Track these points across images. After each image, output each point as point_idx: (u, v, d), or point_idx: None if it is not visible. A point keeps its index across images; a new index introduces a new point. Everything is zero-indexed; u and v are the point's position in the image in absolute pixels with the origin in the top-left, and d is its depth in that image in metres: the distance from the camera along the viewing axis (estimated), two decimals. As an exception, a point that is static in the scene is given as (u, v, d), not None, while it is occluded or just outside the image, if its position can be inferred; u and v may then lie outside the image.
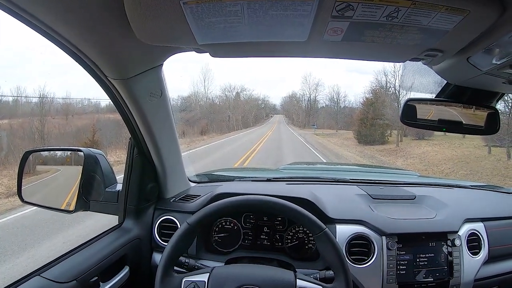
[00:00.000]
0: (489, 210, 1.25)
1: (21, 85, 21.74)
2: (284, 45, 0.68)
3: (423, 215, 1.14)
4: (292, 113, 35.73)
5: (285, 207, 0.87)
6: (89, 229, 4.20)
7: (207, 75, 30.94)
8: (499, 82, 0.78)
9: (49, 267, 0.84)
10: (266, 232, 1.16)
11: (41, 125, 15.10)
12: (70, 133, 17.08)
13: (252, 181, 1.47)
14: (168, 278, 0.81)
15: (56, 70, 37.83)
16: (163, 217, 1.16)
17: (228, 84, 33.44)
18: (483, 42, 0.61)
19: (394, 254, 1.03)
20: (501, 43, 0.60)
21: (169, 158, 1.12)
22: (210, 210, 0.86)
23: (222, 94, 32.40)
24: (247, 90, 34.16)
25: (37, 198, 1.19)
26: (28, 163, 1.13)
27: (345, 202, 1.21)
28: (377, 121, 18.47)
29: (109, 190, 1.11)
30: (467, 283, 1.07)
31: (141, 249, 1.12)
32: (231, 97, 32.72)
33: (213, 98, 31.51)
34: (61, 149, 1.28)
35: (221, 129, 27.05)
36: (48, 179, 1.31)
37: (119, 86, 0.85)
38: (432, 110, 0.94)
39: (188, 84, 30.19)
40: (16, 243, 4.17)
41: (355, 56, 0.76)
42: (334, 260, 0.83)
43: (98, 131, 15.56)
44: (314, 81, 33.63)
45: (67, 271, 0.84)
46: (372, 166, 4.78)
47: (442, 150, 14.21)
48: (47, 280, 0.79)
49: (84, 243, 0.98)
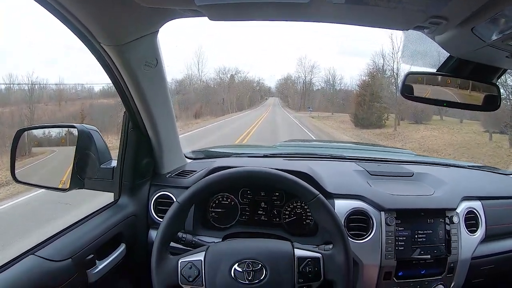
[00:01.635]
0: (487, 189, 1.26)
1: (13, 73, 21.06)
2: (286, 7, 0.66)
3: (421, 191, 1.14)
4: (287, 96, 35.62)
5: (276, 176, 0.85)
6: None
7: (201, 57, 30.35)
8: (503, 56, 0.76)
9: (44, 245, 0.82)
10: (263, 208, 1.16)
11: (30, 112, 14.72)
12: (60, 119, 16.86)
13: (249, 157, 1.46)
14: (164, 260, 0.80)
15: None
16: (159, 193, 1.15)
17: (223, 67, 32.74)
18: (488, 11, 0.59)
19: (393, 229, 1.04)
20: (506, 13, 0.59)
21: (165, 131, 1.10)
22: (200, 186, 0.85)
23: (217, 76, 32.05)
24: (241, 72, 33.73)
25: (31, 178, 1.18)
26: (23, 142, 1.10)
27: (343, 177, 1.21)
28: (374, 104, 18.06)
29: (104, 167, 1.09)
30: (464, 260, 1.08)
31: (137, 226, 1.11)
32: (226, 79, 32.42)
33: (207, 80, 31.17)
34: (55, 126, 1.25)
35: (216, 112, 26.79)
36: (44, 161, 1.29)
37: (112, 53, 0.82)
38: (436, 86, 0.92)
39: (182, 67, 29.62)
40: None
41: (359, 21, 0.74)
42: (330, 226, 0.82)
43: (87, 116, 15.33)
44: (309, 64, 33.11)
45: (62, 249, 0.83)
46: (369, 144, 4.82)
47: (441, 135, 13.79)
48: (41, 258, 0.78)
49: (79, 221, 0.96)
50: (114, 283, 1.05)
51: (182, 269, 0.79)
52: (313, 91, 32.46)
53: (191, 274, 0.78)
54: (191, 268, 0.79)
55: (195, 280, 0.78)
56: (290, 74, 36.64)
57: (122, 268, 1.02)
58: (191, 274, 0.78)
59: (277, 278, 0.78)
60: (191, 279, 0.78)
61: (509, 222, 1.21)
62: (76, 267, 0.83)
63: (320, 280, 0.80)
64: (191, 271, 0.79)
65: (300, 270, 0.79)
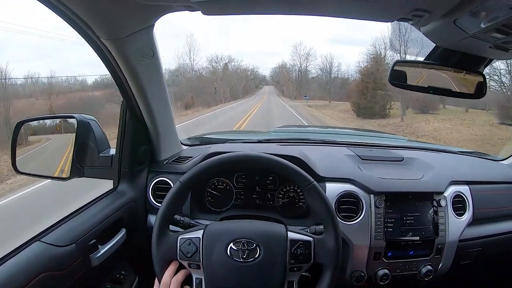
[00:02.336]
0: (475, 174, 1.29)
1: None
2: (277, 1, 0.68)
3: (410, 175, 1.17)
4: (282, 84, 35.06)
5: (274, 161, 0.88)
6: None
7: (193, 46, 29.20)
8: (486, 46, 0.79)
9: (48, 232, 0.86)
10: (257, 192, 1.20)
11: (4, 109, 12.92)
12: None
13: (244, 142, 1.50)
14: (164, 236, 0.84)
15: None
16: (157, 179, 1.18)
17: (215, 55, 31.68)
18: (469, 4, 0.61)
19: (382, 212, 1.07)
20: (486, 6, 0.61)
21: (161, 119, 1.13)
22: (201, 167, 0.88)
23: (209, 65, 31.17)
24: (235, 60, 32.38)
25: (31, 167, 1.20)
26: (20, 134, 1.12)
27: (335, 161, 1.24)
28: (378, 92, 16.46)
29: (103, 155, 1.11)
30: (452, 242, 1.12)
31: (137, 211, 1.14)
32: (219, 68, 31.50)
33: (199, 69, 30.27)
34: (54, 117, 1.27)
35: (208, 102, 26.03)
36: (40, 149, 1.31)
37: (110, 47, 0.85)
38: (424, 74, 0.95)
39: (173, 55, 28.55)
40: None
41: (344, 14, 0.76)
42: (323, 212, 0.86)
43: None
44: (305, 51, 32.31)
45: (66, 235, 0.86)
46: (361, 130, 4.86)
47: (456, 127, 12.48)
48: (47, 244, 0.81)
49: (81, 208, 1.00)
50: (115, 266, 1.09)
51: (181, 245, 0.83)
52: (308, 79, 31.68)
53: (189, 250, 0.82)
54: (189, 245, 0.82)
55: (192, 256, 0.82)
56: (285, 61, 35.70)
57: (123, 252, 1.05)
58: (189, 250, 0.82)
59: (270, 258, 0.82)
60: (189, 255, 0.82)
61: (496, 207, 1.24)
62: (79, 251, 0.86)
63: (310, 263, 0.83)
64: (189, 247, 0.82)
65: (292, 251, 0.82)
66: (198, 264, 0.82)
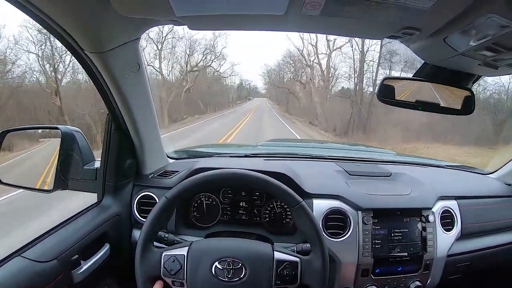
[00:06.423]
0: (463, 189, 1.29)
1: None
2: (263, 18, 0.68)
3: (398, 191, 1.17)
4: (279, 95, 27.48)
5: (262, 180, 0.87)
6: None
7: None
8: (475, 64, 0.79)
9: (30, 247, 0.83)
10: (244, 207, 1.18)
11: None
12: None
13: (230, 157, 1.47)
14: (148, 252, 0.82)
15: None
16: (142, 194, 1.16)
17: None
18: (459, 23, 0.62)
19: (370, 228, 1.06)
20: (477, 25, 0.61)
21: (147, 133, 1.11)
22: (188, 184, 0.86)
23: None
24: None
25: (13, 178, 1.16)
26: (4, 143, 1.09)
27: (322, 177, 1.23)
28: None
29: (87, 167, 1.09)
30: (440, 258, 1.11)
31: (121, 226, 1.12)
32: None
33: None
34: (39, 127, 1.25)
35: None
36: (22, 158, 1.28)
37: (95, 60, 0.83)
38: (412, 87, 0.95)
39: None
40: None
41: (333, 31, 0.77)
42: (310, 232, 0.85)
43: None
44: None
45: (48, 250, 0.84)
46: (349, 144, 4.87)
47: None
48: (28, 260, 0.79)
49: (64, 222, 0.97)
50: (99, 283, 1.06)
51: (165, 262, 0.81)
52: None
53: (174, 268, 0.80)
54: (174, 262, 0.81)
55: (176, 274, 0.80)
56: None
57: (107, 268, 1.02)
58: (174, 267, 0.80)
59: (256, 278, 0.80)
60: (173, 272, 0.80)
61: (484, 221, 1.24)
62: (61, 267, 0.84)
63: (296, 284, 0.82)
64: (173, 264, 0.80)
65: (278, 272, 0.81)
66: (182, 282, 0.80)
